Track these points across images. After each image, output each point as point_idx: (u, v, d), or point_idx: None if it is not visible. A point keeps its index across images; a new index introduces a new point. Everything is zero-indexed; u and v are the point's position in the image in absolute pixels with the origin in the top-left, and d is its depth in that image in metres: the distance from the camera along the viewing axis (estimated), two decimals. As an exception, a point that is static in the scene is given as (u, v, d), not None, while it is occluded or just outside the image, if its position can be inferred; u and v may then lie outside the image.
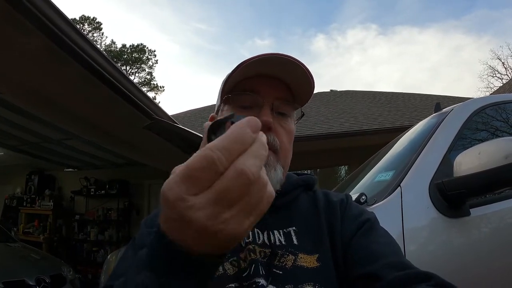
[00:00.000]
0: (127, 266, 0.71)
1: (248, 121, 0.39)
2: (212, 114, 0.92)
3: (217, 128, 0.43)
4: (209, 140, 0.42)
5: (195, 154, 0.37)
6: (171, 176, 0.38)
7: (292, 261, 0.72)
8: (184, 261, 0.39)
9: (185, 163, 0.37)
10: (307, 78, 0.78)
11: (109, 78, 3.56)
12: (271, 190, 0.40)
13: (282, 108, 0.80)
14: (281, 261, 0.72)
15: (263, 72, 0.78)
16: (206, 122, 0.43)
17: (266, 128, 0.75)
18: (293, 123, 0.85)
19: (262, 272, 0.70)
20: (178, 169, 0.38)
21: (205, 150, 0.36)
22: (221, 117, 0.42)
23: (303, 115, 0.88)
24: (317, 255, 0.73)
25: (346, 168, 8.35)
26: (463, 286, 0.58)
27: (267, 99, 0.78)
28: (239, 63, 0.77)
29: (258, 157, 0.38)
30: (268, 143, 0.75)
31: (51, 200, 8.51)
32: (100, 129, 5.01)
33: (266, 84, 0.79)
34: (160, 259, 0.41)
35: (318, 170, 8.33)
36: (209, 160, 0.35)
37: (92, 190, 8.62)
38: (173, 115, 7.01)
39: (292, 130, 0.84)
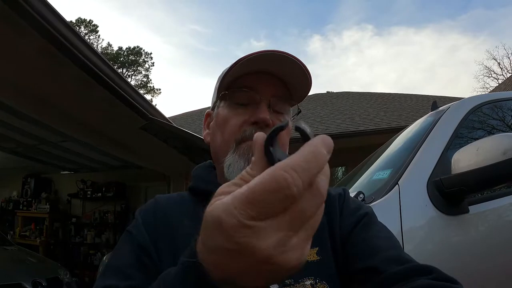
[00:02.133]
0: (124, 263, 0.68)
1: (323, 140, 0.34)
2: (208, 110, 0.91)
3: (272, 140, 0.37)
4: (268, 153, 0.36)
5: (260, 176, 0.32)
6: (225, 199, 0.33)
7: None
8: None
9: (245, 186, 0.32)
10: (304, 75, 0.78)
11: (106, 80, 3.54)
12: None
13: (279, 106, 0.80)
14: None
15: (260, 69, 0.78)
16: (257, 133, 0.38)
17: (264, 125, 0.75)
18: (290, 120, 0.84)
19: None
20: (230, 191, 0.34)
21: (277, 169, 0.31)
22: (277, 125, 0.37)
23: (299, 111, 0.88)
24: (317, 248, 0.73)
25: (343, 169, 8.35)
26: (462, 283, 0.58)
27: (264, 96, 0.78)
28: (236, 59, 0.76)
29: (327, 176, 0.34)
30: None
31: (47, 203, 8.47)
32: (96, 131, 4.99)
33: (263, 81, 0.79)
34: None
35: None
36: (282, 182, 0.31)
37: (89, 192, 8.56)
38: (169, 117, 7.00)
39: (290, 127, 0.84)
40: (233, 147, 0.77)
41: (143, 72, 33.24)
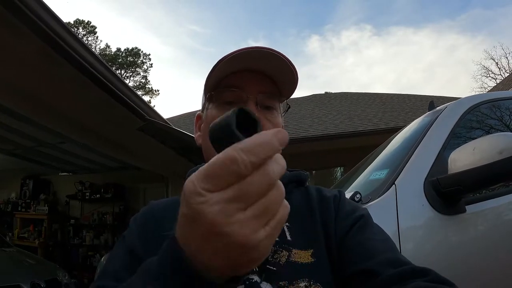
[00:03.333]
0: (118, 266, 0.70)
1: (277, 133, 0.39)
2: (198, 112, 0.91)
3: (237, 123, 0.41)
4: (233, 135, 0.40)
5: (218, 155, 0.37)
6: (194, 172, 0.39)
7: (286, 257, 0.70)
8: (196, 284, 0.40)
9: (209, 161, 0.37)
10: (290, 70, 0.77)
11: (103, 81, 3.54)
12: (286, 203, 0.41)
13: (267, 102, 0.79)
14: (275, 257, 0.70)
15: (245, 67, 0.77)
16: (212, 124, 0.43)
17: None
18: (280, 116, 0.84)
19: (255, 268, 0.68)
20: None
21: (228, 150, 0.36)
22: (224, 118, 0.41)
23: (289, 107, 0.88)
24: (311, 250, 0.72)
25: (342, 169, 8.34)
26: (458, 283, 0.58)
27: (251, 94, 0.77)
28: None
29: (280, 165, 0.39)
30: None
31: (46, 205, 8.46)
32: (94, 132, 4.99)
33: (249, 78, 0.78)
34: (171, 281, 0.42)
35: (314, 172, 8.33)
36: (232, 160, 0.35)
37: (87, 194, 8.56)
38: (168, 118, 7.00)
39: (279, 123, 0.83)
40: None
41: (142, 73, 33.15)
